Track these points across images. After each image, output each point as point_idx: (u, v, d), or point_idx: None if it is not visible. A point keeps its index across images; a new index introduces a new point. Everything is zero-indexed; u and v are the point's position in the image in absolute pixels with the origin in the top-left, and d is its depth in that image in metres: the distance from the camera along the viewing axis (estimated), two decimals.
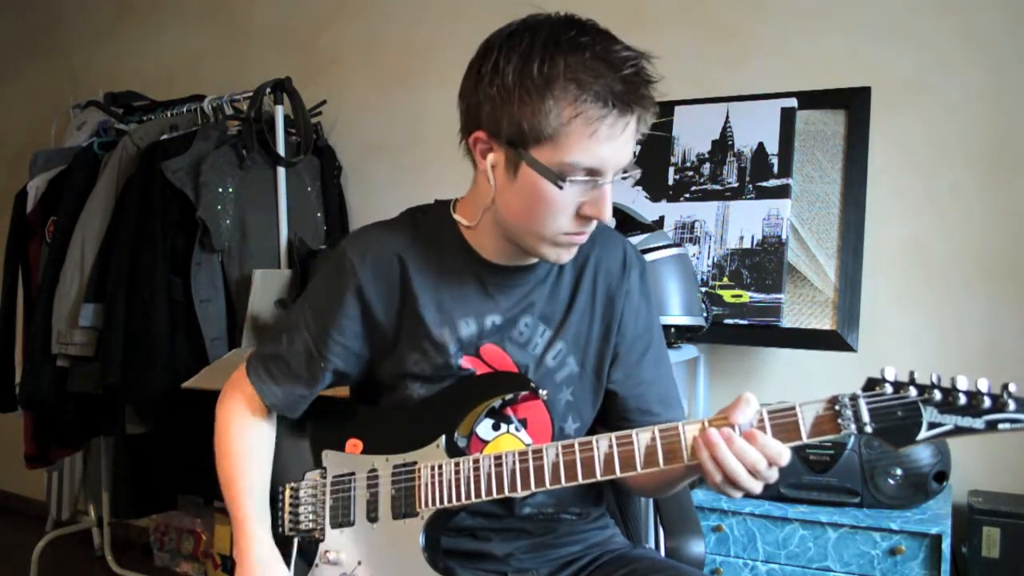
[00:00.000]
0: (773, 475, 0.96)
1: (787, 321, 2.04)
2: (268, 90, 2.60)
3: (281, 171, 2.63)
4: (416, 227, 1.20)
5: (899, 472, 1.78)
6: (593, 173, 1.03)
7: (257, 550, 1.14)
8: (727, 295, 2.07)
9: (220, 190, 2.47)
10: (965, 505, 1.86)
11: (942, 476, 1.78)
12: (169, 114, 2.77)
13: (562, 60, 0.99)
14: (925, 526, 1.71)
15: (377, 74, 2.85)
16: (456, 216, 1.18)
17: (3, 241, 3.00)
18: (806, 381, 2.15)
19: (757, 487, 0.96)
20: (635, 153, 1.09)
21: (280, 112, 2.62)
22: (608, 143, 1.01)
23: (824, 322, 2.02)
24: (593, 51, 1.00)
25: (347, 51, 2.93)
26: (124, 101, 2.99)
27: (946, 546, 1.69)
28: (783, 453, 0.94)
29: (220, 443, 1.22)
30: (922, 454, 1.77)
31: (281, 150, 2.62)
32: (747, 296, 2.06)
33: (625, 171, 1.06)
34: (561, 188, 1.02)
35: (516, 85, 1.01)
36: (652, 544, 1.47)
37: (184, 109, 2.76)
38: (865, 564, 1.76)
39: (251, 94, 2.59)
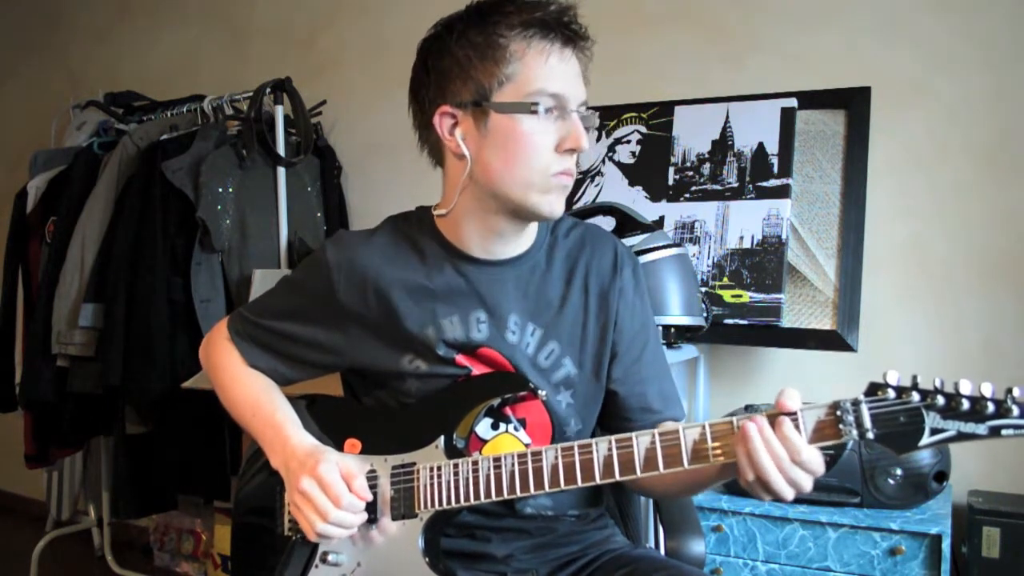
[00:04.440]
0: (801, 477, 0.94)
1: (787, 321, 2.03)
2: (268, 90, 2.60)
3: (281, 171, 2.63)
4: (395, 232, 1.23)
5: (899, 472, 1.78)
6: (559, 101, 1.08)
7: (305, 441, 1.15)
8: (727, 295, 2.07)
9: (220, 190, 2.47)
10: (965, 505, 1.86)
11: (942, 476, 1.78)
12: (169, 114, 2.77)
13: (497, 14, 1.09)
14: (925, 526, 1.71)
15: (377, 74, 2.85)
16: (435, 212, 1.20)
17: (3, 241, 3.00)
18: (806, 381, 2.15)
19: (787, 490, 0.94)
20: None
21: (280, 112, 2.62)
22: (561, 68, 1.09)
23: (824, 322, 2.02)
24: (518, 2, 1.10)
25: (347, 51, 2.93)
26: (124, 101, 2.99)
27: (946, 546, 1.69)
28: (802, 448, 0.93)
29: (227, 387, 1.26)
30: (922, 454, 1.77)
31: (281, 150, 2.62)
32: (747, 296, 2.05)
33: (585, 108, 1.12)
34: (535, 112, 1.07)
35: (466, 49, 1.09)
36: (652, 544, 1.47)
37: (184, 109, 2.76)
38: (865, 564, 1.76)
39: (251, 94, 2.59)
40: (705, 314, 1.97)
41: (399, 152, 2.77)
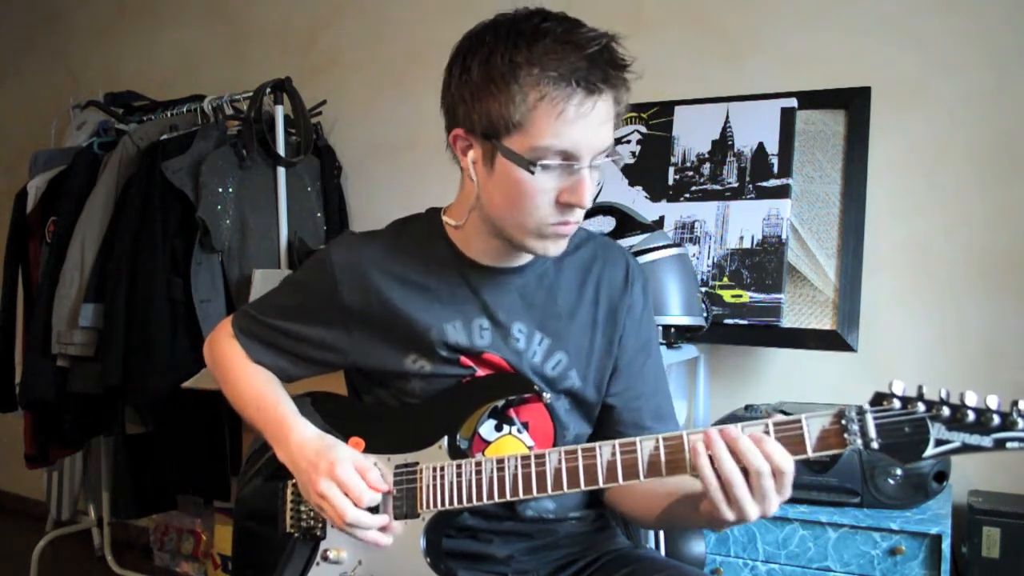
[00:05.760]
0: (771, 495, 0.94)
1: (787, 321, 2.04)
2: (268, 90, 2.60)
3: (281, 171, 2.63)
4: (401, 235, 1.22)
5: (899, 472, 1.78)
6: (568, 157, 1.02)
7: (308, 434, 1.14)
8: (727, 295, 2.07)
9: (220, 190, 2.47)
10: (965, 505, 1.86)
11: (942, 476, 1.78)
12: (169, 114, 2.77)
13: (524, 47, 1.00)
14: (925, 526, 1.71)
15: (377, 74, 2.85)
16: (445, 218, 1.20)
17: (3, 241, 3.00)
18: (806, 381, 2.15)
19: (752, 508, 0.94)
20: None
21: (280, 112, 2.63)
22: (578, 123, 1.00)
23: (824, 322, 2.02)
24: (555, 35, 1.01)
25: (347, 51, 2.93)
26: (124, 101, 2.99)
27: (946, 546, 1.69)
28: (787, 461, 0.93)
29: (231, 383, 1.26)
30: None
31: (281, 150, 2.62)
32: (747, 296, 2.06)
33: (607, 155, 1.05)
34: (533, 173, 1.02)
35: (483, 79, 1.03)
36: (652, 544, 1.47)
37: (184, 109, 2.76)
38: (865, 564, 1.76)
39: (251, 94, 2.59)
40: (705, 314, 1.97)
41: (399, 152, 2.77)
